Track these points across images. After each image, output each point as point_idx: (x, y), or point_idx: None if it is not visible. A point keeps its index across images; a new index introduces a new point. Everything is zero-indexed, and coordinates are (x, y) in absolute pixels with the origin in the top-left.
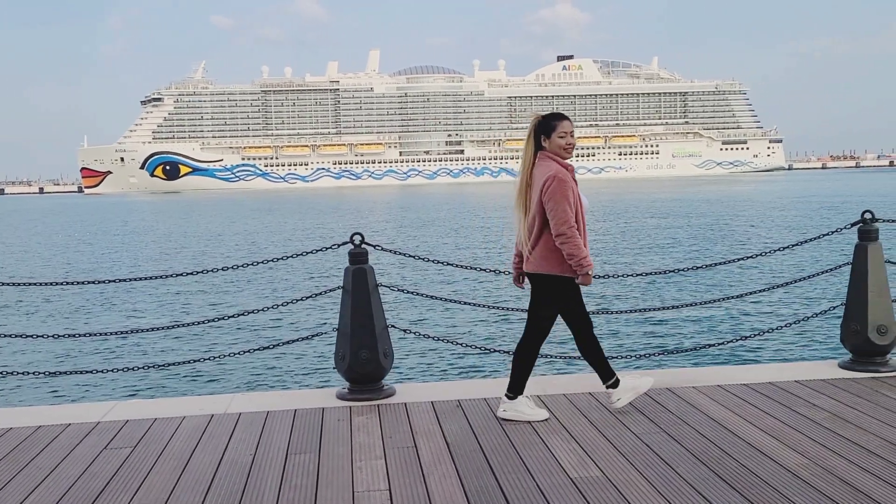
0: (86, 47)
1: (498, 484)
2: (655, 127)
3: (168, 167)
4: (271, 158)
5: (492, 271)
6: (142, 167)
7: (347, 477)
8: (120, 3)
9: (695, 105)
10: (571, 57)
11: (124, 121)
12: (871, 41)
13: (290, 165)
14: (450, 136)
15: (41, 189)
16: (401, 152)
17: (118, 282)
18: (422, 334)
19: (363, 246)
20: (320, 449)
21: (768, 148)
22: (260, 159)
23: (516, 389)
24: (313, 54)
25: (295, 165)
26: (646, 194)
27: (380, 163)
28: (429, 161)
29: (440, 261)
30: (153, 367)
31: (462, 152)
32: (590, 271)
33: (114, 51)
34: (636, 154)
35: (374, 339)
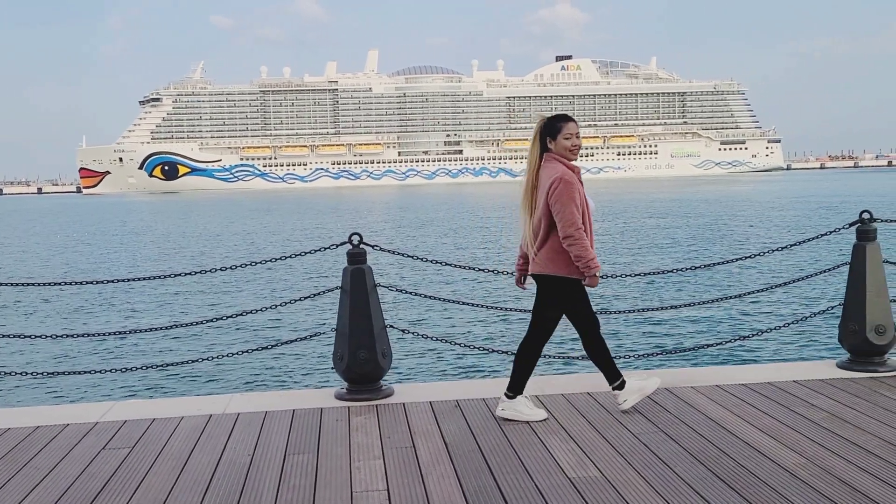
0: (85, 47)
1: (496, 484)
2: (654, 127)
3: (166, 167)
4: (270, 159)
5: (490, 271)
6: (140, 167)
7: (346, 477)
8: (120, 3)
9: (693, 105)
10: (570, 57)
11: (123, 121)
12: (871, 41)
13: (288, 165)
14: (448, 136)
15: (39, 189)
16: (399, 152)
17: (117, 282)
18: (420, 334)
19: (361, 246)
20: (319, 449)
21: (767, 148)
22: (258, 159)
23: (516, 389)
24: (312, 54)
25: (293, 166)
26: (644, 194)
27: (378, 163)
28: (427, 161)
29: (439, 261)
30: (151, 367)
31: (461, 152)
32: (597, 273)
33: (113, 51)
34: (635, 154)
35: (373, 340)
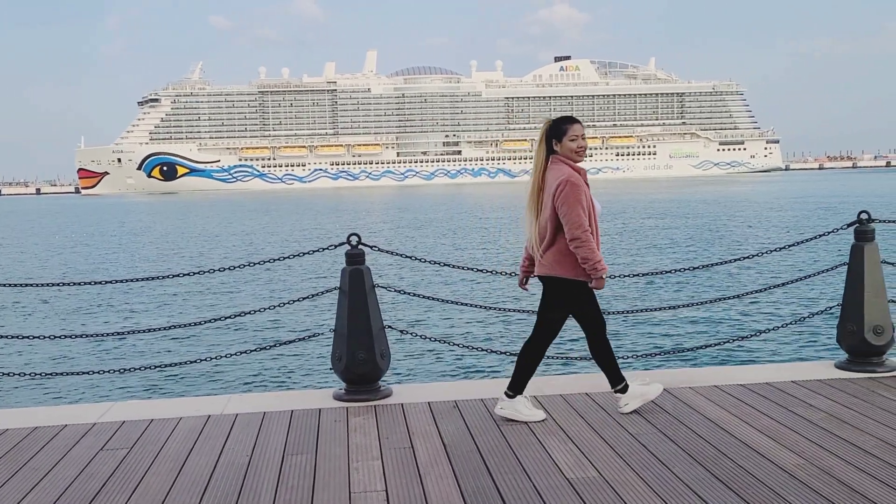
0: (85, 47)
1: (495, 485)
2: (653, 128)
3: (165, 168)
4: (269, 159)
5: (489, 272)
6: (139, 168)
7: (344, 478)
8: (119, 3)
9: (692, 106)
10: (569, 58)
11: (122, 122)
12: (870, 41)
13: (287, 166)
14: (447, 136)
15: (38, 190)
16: (398, 153)
17: (115, 283)
18: (419, 335)
19: (360, 247)
20: (317, 450)
21: (765, 148)
22: (257, 160)
23: (517, 389)
24: (311, 55)
25: (292, 166)
26: (643, 195)
27: (377, 163)
28: (426, 162)
29: (437, 261)
30: (150, 368)
31: (459, 153)
32: (604, 275)
33: (112, 51)
34: (633, 155)
35: (371, 340)
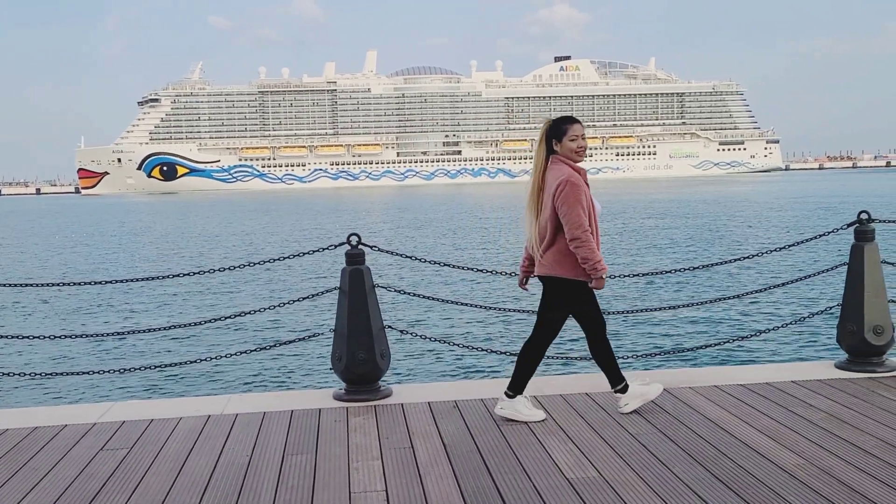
0: (85, 48)
1: (494, 485)
2: (653, 128)
3: (165, 168)
4: (268, 159)
5: (489, 272)
6: (139, 168)
7: (344, 478)
8: (118, 3)
9: (692, 106)
10: (569, 58)
11: (122, 122)
12: (870, 41)
13: (287, 166)
14: (447, 136)
15: (38, 190)
16: (398, 153)
17: (115, 283)
18: (419, 335)
19: (360, 247)
20: (317, 450)
21: (765, 148)
22: (257, 160)
23: (517, 388)
24: (311, 55)
25: (292, 166)
26: (643, 195)
27: (377, 163)
28: (426, 162)
29: (437, 261)
30: (150, 368)
31: (459, 153)
32: (604, 275)
33: (112, 51)
34: (633, 155)
35: (371, 340)
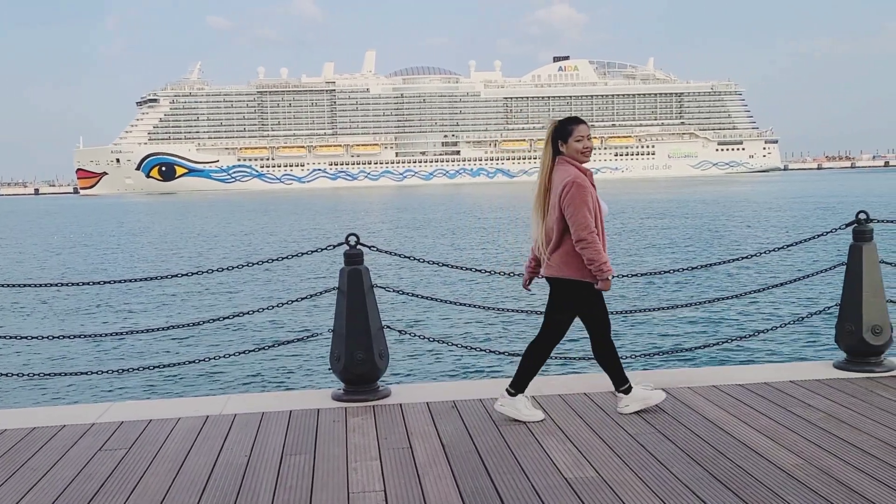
0: (84, 48)
1: (493, 485)
2: (651, 128)
3: (164, 168)
4: (267, 159)
5: (488, 272)
6: (138, 168)
7: (342, 478)
8: (117, 3)
9: (691, 106)
10: (567, 58)
11: (121, 122)
12: (870, 41)
13: (286, 166)
14: (446, 136)
15: (37, 190)
16: (397, 153)
17: (114, 283)
18: (417, 335)
19: (358, 247)
20: (315, 450)
21: (764, 149)
22: (256, 160)
23: (519, 387)
24: (310, 55)
25: (291, 166)
26: (642, 195)
27: (376, 164)
28: (425, 162)
29: (436, 261)
30: (148, 368)
31: (458, 153)
32: (610, 277)
33: (111, 51)
34: (632, 155)
35: (370, 340)
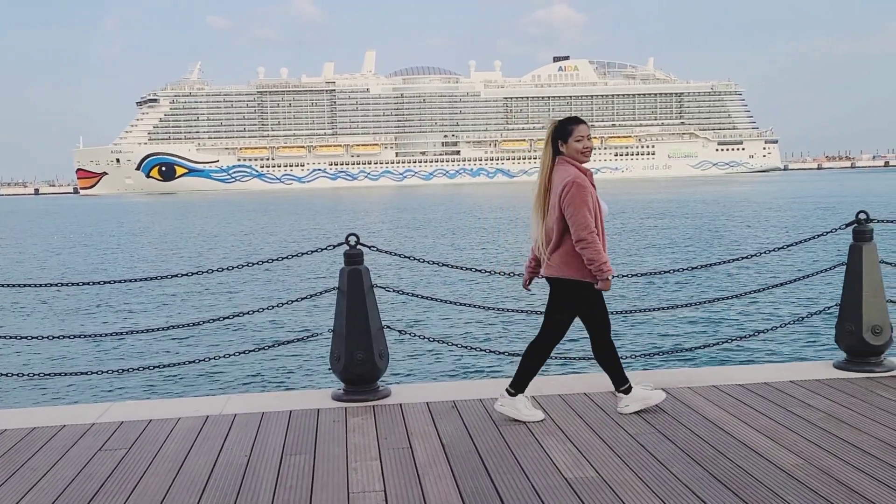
0: (84, 48)
1: (493, 485)
2: (651, 128)
3: (164, 168)
4: (267, 159)
5: (488, 272)
6: (138, 168)
7: (342, 478)
8: (117, 3)
9: (690, 106)
10: (567, 58)
11: (120, 122)
12: (870, 41)
13: (286, 166)
14: (446, 136)
15: (36, 190)
16: (397, 153)
17: (114, 283)
18: (417, 335)
19: (358, 247)
20: (315, 450)
21: (764, 149)
22: (256, 160)
23: (519, 387)
24: (310, 55)
25: (291, 166)
26: (642, 195)
27: (376, 164)
28: (425, 162)
29: (436, 261)
30: (148, 368)
31: (458, 153)
32: (610, 277)
33: (111, 51)
34: (632, 155)
35: (370, 340)
